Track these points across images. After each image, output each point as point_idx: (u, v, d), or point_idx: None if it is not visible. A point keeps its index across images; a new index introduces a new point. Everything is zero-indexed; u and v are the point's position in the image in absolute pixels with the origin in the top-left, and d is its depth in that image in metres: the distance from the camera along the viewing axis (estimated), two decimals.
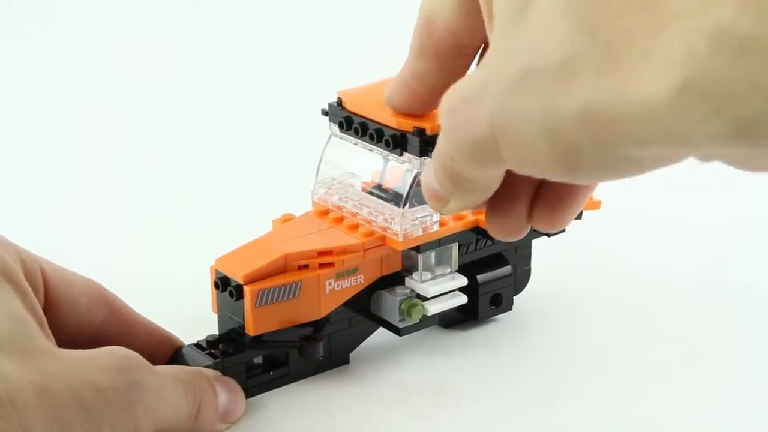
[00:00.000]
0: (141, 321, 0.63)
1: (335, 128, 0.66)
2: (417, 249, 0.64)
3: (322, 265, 0.63)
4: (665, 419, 0.62)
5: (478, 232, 0.66)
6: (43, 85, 1.04)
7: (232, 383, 0.62)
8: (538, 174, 0.44)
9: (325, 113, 0.66)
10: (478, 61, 0.53)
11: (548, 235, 0.68)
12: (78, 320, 0.60)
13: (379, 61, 0.69)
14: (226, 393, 0.61)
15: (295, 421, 0.62)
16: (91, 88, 1.03)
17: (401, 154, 0.63)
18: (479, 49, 0.52)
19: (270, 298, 0.61)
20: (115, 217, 0.83)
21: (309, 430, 0.62)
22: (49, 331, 0.55)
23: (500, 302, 0.69)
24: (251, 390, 0.63)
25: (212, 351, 0.62)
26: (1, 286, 0.54)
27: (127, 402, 0.54)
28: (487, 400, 0.64)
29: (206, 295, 0.64)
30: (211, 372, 0.61)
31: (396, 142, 0.62)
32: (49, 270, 0.59)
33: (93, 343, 0.58)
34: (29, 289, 0.55)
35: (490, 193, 0.49)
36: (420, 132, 0.61)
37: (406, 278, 0.65)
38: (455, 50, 0.52)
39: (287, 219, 0.67)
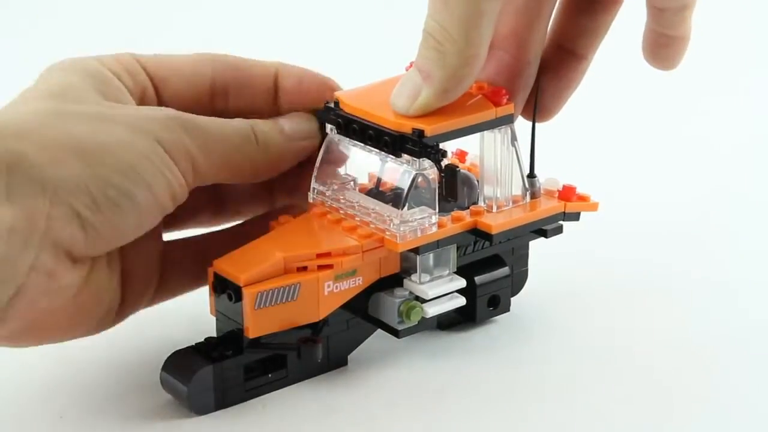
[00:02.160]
0: (256, 63, 0.65)
1: (332, 129, 0.66)
2: (416, 251, 0.64)
3: (320, 267, 0.63)
4: (666, 419, 0.62)
5: (476, 233, 0.65)
6: None
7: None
8: None
9: (322, 114, 0.66)
10: None
11: (546, 236, 0.68)
12: (187, 82, 0.63)
13: (376, 63, 0.69)
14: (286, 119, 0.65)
15: (293, 423, 0.62)
16: None
17: (399, 156, 0.62)
18: None
19: (269, 300, 0.61)
20: None
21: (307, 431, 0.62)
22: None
23: (498, 304, 0.69)
24: (249, 392, 0.63)
25: (210, 353, 0.62)
26: (82, 77, 0.60)
27: (183, 128, 0.60)
28: (486, 401, 0.64)
29: (204, 297, 0.64)
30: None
31: (394, 144, 0.62)
32: (144, 56, 0.63)
33: (215, 102, 0.64)
34: (111, 78, 0.61)
35: (468, 63, 0.60)
36: (418, 133, 0.61)
37: (405, 280, 0.65)
38: None
39: (285, 221, 0.67)
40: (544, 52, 0.68)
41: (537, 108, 0.68)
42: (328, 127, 0.66)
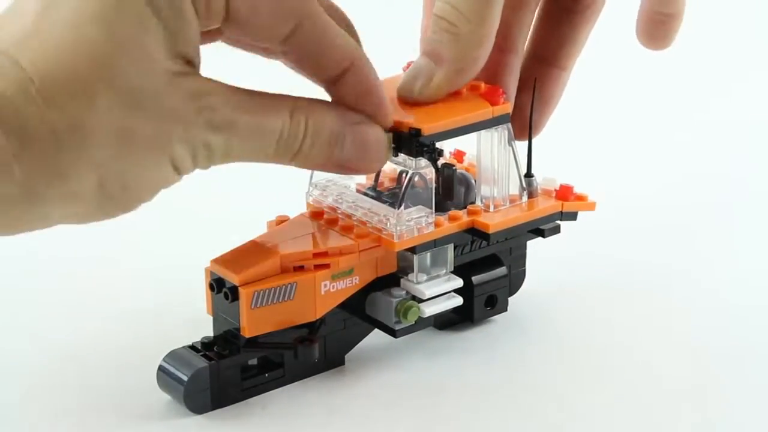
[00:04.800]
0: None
1: None
2: (412, 250, 0.64)
3: (317, 267, 0.63)
4: (665, 417, 0.62)
5: (473, 233, 0.65)
6: None
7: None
8: None
9: None
10: None
11: (543, 236, 0.68)
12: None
13: (375, 62, 0.69)
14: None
15: (290, 422, 0.62)
16: None
17: (396, 155, 0.62)
18: None
19: (265, 299, 0.61)
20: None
21: (305, 431, 0.62)
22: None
23: (495, 303, 0.69)
24: (246, 392, 0.63)
25: (207, 353, 0.62)
26: None
27: None
28: (483, 401, 0.64)
29: (201, 296, 0.64)
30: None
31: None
32: None
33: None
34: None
35: (481, 43, 0.61)
36: (415, 132, 0.61)
37: (402, 280, 0.65)
38: None
39: (281, 221, 0.67)
40: (524, 67, 0.69)
41: (529, 123, 0.67)
42: None
